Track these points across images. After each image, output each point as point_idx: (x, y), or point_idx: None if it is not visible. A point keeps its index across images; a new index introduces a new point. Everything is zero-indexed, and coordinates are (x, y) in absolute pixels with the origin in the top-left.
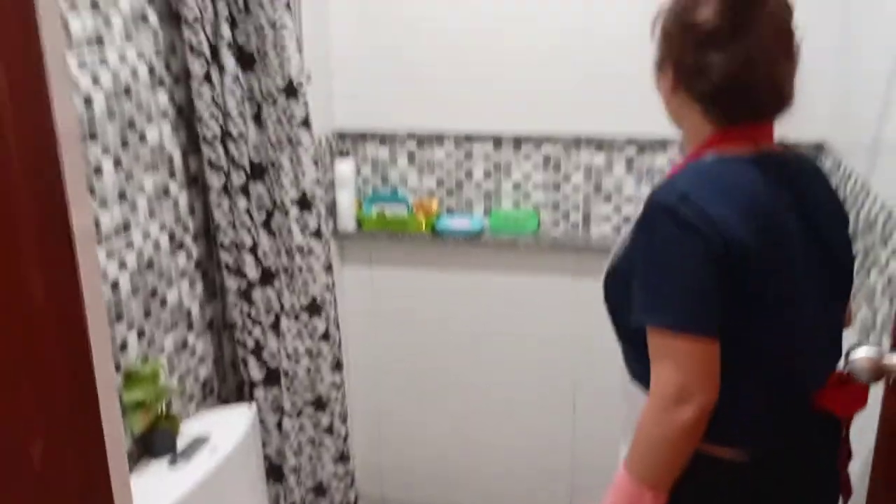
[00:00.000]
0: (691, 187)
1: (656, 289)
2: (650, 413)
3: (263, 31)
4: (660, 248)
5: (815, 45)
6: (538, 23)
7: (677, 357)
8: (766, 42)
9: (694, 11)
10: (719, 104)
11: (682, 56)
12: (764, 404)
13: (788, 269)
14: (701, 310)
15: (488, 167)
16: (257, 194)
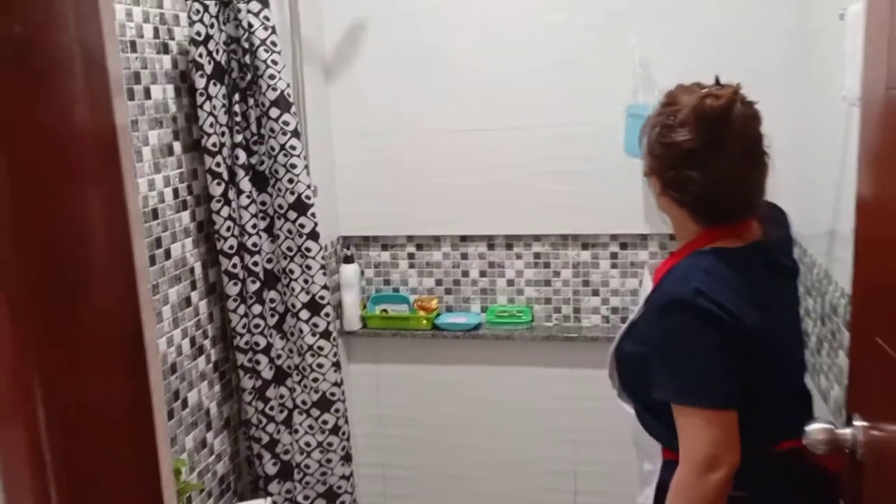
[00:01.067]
0: (702, 283)
1: (680, 372)
2: (685, 480)
3: (275, 154)
4: (681, 337)
5: (776, 146)
6: (526, 133)
7: (704, 430)
8: (735, 159)
9: (673, 133)
10: (700, 211)
11: (665, 171)
12: (759, 450)
13: (777, 338)
14: (721, 388)
15: (483, 266)
16: (270, 299)
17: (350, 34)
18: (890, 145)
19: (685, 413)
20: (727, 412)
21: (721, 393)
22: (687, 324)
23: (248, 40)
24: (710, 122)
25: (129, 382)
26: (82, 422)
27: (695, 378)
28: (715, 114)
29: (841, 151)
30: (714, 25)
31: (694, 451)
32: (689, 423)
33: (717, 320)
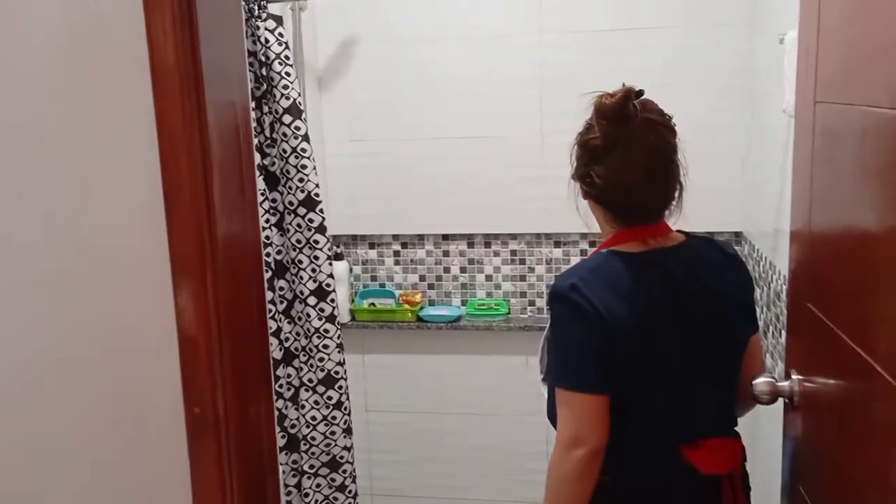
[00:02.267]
0: (580, 279)
1: (558, 356)
2: (555, 455)
3: (287, 156)
4: (557, 325)
5: (727, 156)
6: (504, 141)
7: (571, 409)
8: (636, 159)
9: (587, 134)
10: (608, 206)
11: (581, 168)
12: (640, 446)
13: (658, 343)
14: (588, 374)
15: (463, 263)
16: (279, 287)
17: (342, 48)
18: (817, 150)
19: (558, 393)
20: (593, 396)
21: (585, 378)
22: (562, 314)
23: (265, 54)
24: (608, 118)
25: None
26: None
27: (565, 363)
28: (610, 109)
29: (783, 159)
30: (672, 45)
31: (561, 429)
32: (562, 402)
33: (584, 314)
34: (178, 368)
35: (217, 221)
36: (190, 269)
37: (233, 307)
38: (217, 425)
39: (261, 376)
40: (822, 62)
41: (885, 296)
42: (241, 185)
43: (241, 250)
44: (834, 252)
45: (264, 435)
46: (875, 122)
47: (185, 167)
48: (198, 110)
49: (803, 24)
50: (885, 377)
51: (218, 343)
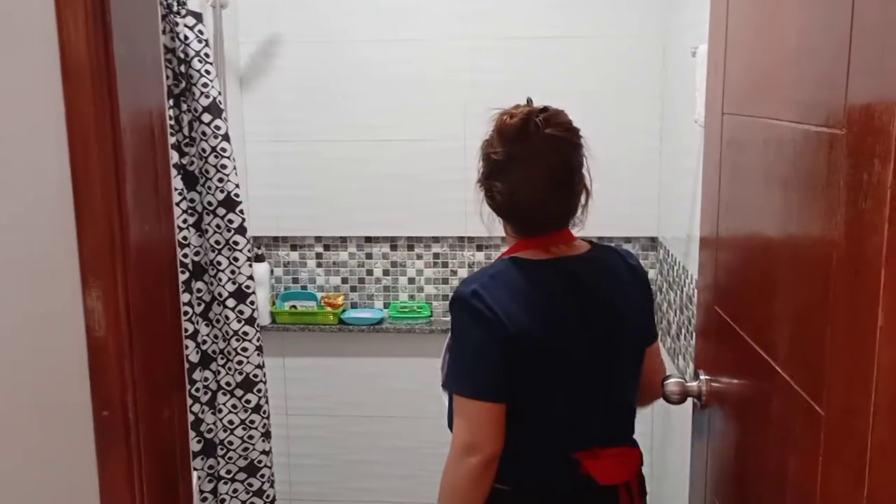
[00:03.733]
0: (481, 286)
1: (457, 364)
2: (448, 461)
3: (206, 156)
4: (458, 331)
5: (643, 164)
6: (428, 145)
7: (467, 416)
8: (534, 174)
9: (489, 147)
10: (507, 219)
11: (483, 179)
12: (538, 455)
13: (560, 350)
14: (486, 381)
15: (386, 266)
16: (197, 289)
17: (265, 47)
18: (724, 160)
19: (456, 401)
20: (489, 404)
21: (482, 385)
22: (462, 320)
23: (184, 51)
24: (508, 137)
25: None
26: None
27: (464, 370)
28: (510, 130)
29: (695, 167)
30: (592, 55)
31: (457, 436)
32: (457, 409)
33: (485, 320)
34: (87, 370)
35: (129, 220)
36: (100, 269)
37: (145, 308)
38: (126, 429)
39: (174, 379)
40: (729, 75)
41: (782, 299)
42: (155, 184)
43: (155, 250)
44: (739, 257)
45: (177, 439)
46: (775, 134)
47: (96, 164)
48: (110, 107)
49: (712, 39)
50: (783, 376)
51: (128, 345)
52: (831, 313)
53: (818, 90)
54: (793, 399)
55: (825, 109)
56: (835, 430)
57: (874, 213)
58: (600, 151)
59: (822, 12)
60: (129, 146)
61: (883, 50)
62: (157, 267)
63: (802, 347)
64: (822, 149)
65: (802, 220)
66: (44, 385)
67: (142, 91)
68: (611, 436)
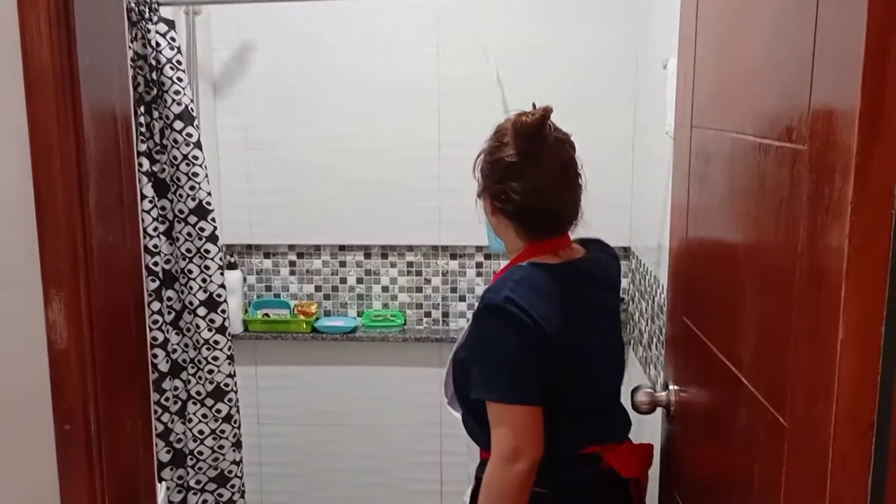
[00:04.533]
0: (512, 291)
1: (492, 370)
2: (492, 469)
3: (178, 163)
4: (492, 339)
5: (615, 173)
6: (402, 153)
7: (510, 423)
8: (550, 173)
9: (499, 152)
10: (524, 220)
11: (493, 185)
12: (564, 451)
13: (586, 348)
14: (523, 386)
15: (360, 274)
16: (167, 297)
17: (238, 54)
18: (692, 172)
19: (493, 408)
20: (529, 408)
21: (523, 391)
22: (495, 327)
23: (156, 58)
24: (527, 136)
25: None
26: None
27: (500, 376)
28: (530, 128)
29: (666, 178)
30: (564, 63)
31: (500, 444)
32: (497, 418)
33: (521, 325)
34: (48, 383)
35: (93, 229)
36: (62, 279)
37: (109, 319)
38: (88, 442)
39: (138, 391)
40: (698, 89)
41: (747, 311)
42: (120, 193)
43: (119, 259)
44: (706, 268)
45: (141, 452)
46: (740, 148)
47: (59, 173)
48: (73, 113)
49: (681, 53)
50: (748, 387)
51: (91, 357)
52: (793, 325)
53: (781, 106)
54: (757, 410)
55: (788, 125)
56: (797, 440)
57: (835, 226)
58: None
59: (785, 29)
60: (93, 154)
61: (845, 67)
62: (121, 276)
63: (766, 359)
64: (785, 163)
65: (766, 232)
66: (3, 398)
67: (107, 99)
68: (620, 431)
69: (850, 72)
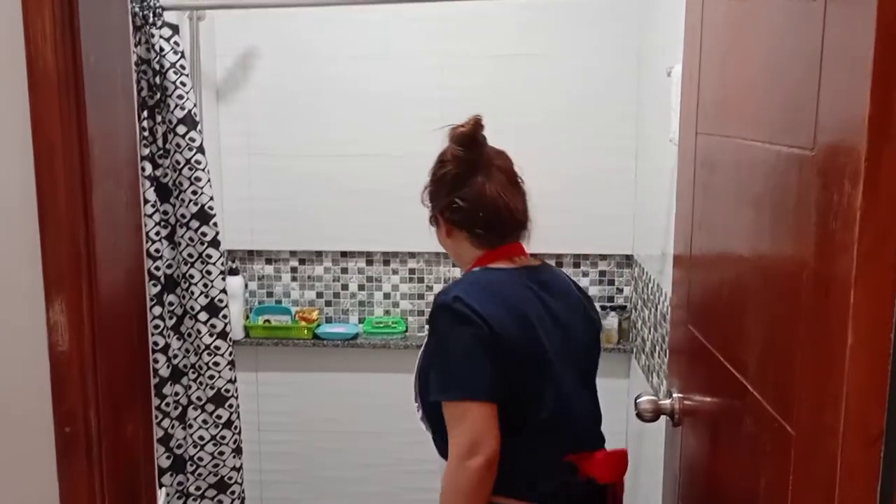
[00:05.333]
0: (462, 291)
1: (444, 370)
2: (450, 469)
3: (180, 168)
4: (442, 339)
5: (618, 181)
6: (404, 160)
7: (465, 419)
8: (494, 176)
9: (441, 170)
10: (477, 225)
11: (442, 200)
12: (537, 461)
13: (542, 350)
14: (477, 381)
15: (362, 280)
16: (169, 302)
17: (242, 60)
18: (697, 179)
19: (448, 408)
20: (484, 404)
21: (476, 386)
22: (445, 326)
23: (159, 62)
24: (464, 143)
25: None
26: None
27: (453, 374)
28: (465, 135)
29: (669, 186)
30: (567, 73)
31: (455, 440)
32: (452, 417)
33: (470, 322)
34: (49, 385)
35: (96, 231)
36: (64, 281)
37: (110, 322)
38: (89, 445)
39: (140, 394)
40: (703, 95)
41: (753, 318)
42: (123, 195)
43: (122, 262)
44: (711, 276)
45: (142, 456)
46: (747, 155)
47: (62, 174)
48: (77, 115)
49: (686, 59)
50: (754, 395)
51: (92, 359)
52: (801, 333)
53: (788, 111)
54: (764, 418)
55: (795, 130)
56: (805, 449)
57: (844, 233)
58: (575, 169)
59: (793, 34)
60: (97, 158)
61: (853, 71)
62: (124, 280)
63: (773, 366)
64: (792, 169)
65: (773, 239)
66: (4, 400)
67: (111, 102)
68: (595, 439)
69: (858, 75)
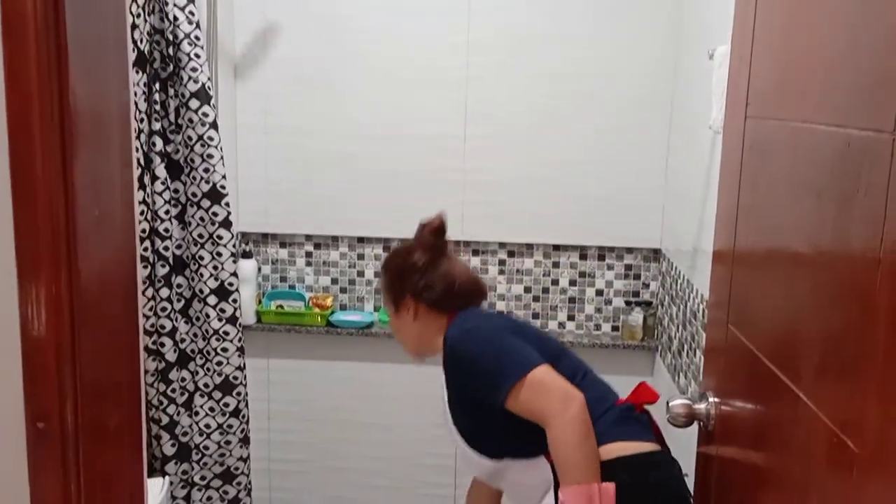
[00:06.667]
0: (457, 326)
1: (495, 364)
2: (560, 429)
3: (192, 144)
4: (475, 351)
5: (648, 172)
6: (424, 143)
7: (540, 387)
8: (452, 260)
9: (409, 260)
10: (451, 296)
11: (413, 285)
12: (607, 412)
13: (545, 337)
14: (524, 353)
15: (378, 267)
16: (177, 284)
17: (261, 35)
18: (745, 167)
19: (518, 390)
20: (543, 365)
21: (526, 357)
22: (469, 345)
23: (173, 32)
24: (435, 232)
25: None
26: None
27: (506, 361)
28: (437, 226)
29: (706, 177)
30: (597, 56)
31: (545, 407)
32: (526, 395)
33: (491, 320)
34: (20, 375)
35: (78, 205)
36: (40, 261)
37: (94, 307)
38: (64, 443)
39: (127, 385)
40: (755, 76)
41: (810, 320)
42: (111, 157)
43: (110, 241)
44: (759, 272)
45: (127, 453)
46: (808, 139)
47: (38, 128)
48: (57, 57)
49: (736, 38)
50: (807, 405)
51: (71, 346)
52: (873, 338)
53: (864, 90)
54: (819, 431)
55: (872, 111)
56: (872, 469)
57: None
58: (603, 157)
59: (872, 7)
60: (82, 116)
61: None
62: (111, 256)
63: (833, 376)
64: (866, 154)
65: (839, 233)
66: None
67: (99, 43)
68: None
69: None
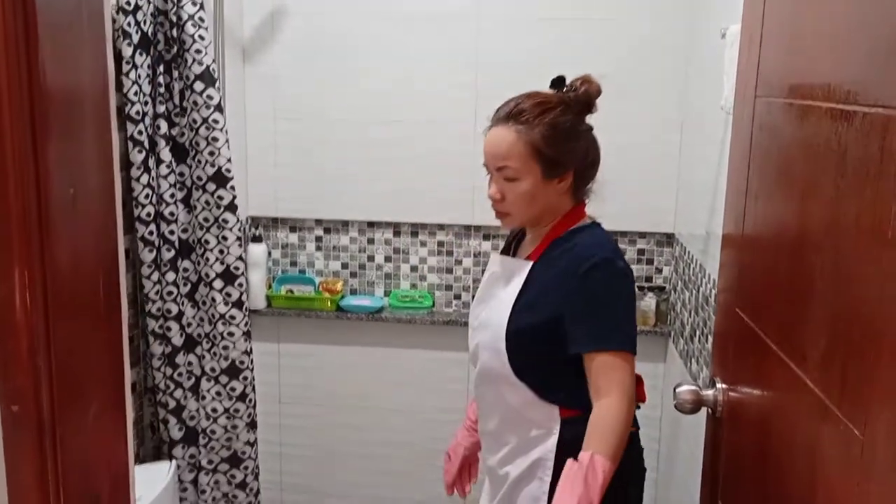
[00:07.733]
0: (615, 247)
1: (611, 321)
2: (624, 412)
3: (197, 127)
4: (606, 292)
5: (661, 155)
6: (435, 128)
7: (626, 367)
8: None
9: (582, 126)
10: (588, 182)
11: (581, 160)
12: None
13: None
14: (635, 336)
15: (388, 252)
16: (183, 268)
17: (270, 18)
18: (755, 147)
19: (612, 355)
20: (634, 357)
21: (635, 340)
22: (610, 280)
23: (177, 14)
24: (594, 101)
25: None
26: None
27: (619, 326)
28: (599, 91)
29: (718, 159)
30: (607, 38)
31: (626, 388)
32: (619, 366)
33: (630, 280)
34: None
35: (51, 180)
36: (9, 239)
37: (71, 287)
38: (41, 427)
39: (108, 369)
40: (765, 55)
41: (819, 305)
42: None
43: (85, 214)
44: (767, 256)
45: (110, 440)
46: (815, 117)
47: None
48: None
49: (747, 16)
50: (813, 391)
51: (45, 328)
52: (879, 325)
53: (875, 66)
54: (826, 417)
55: (884, 89)
56: (877, 456)
57: None
58: (615, 140)
59: None
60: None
61: None
62: (88, 234)
63: (839, 361)
64: (874, 133)
65: (849, 214)
66: None
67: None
68: None
69: None
